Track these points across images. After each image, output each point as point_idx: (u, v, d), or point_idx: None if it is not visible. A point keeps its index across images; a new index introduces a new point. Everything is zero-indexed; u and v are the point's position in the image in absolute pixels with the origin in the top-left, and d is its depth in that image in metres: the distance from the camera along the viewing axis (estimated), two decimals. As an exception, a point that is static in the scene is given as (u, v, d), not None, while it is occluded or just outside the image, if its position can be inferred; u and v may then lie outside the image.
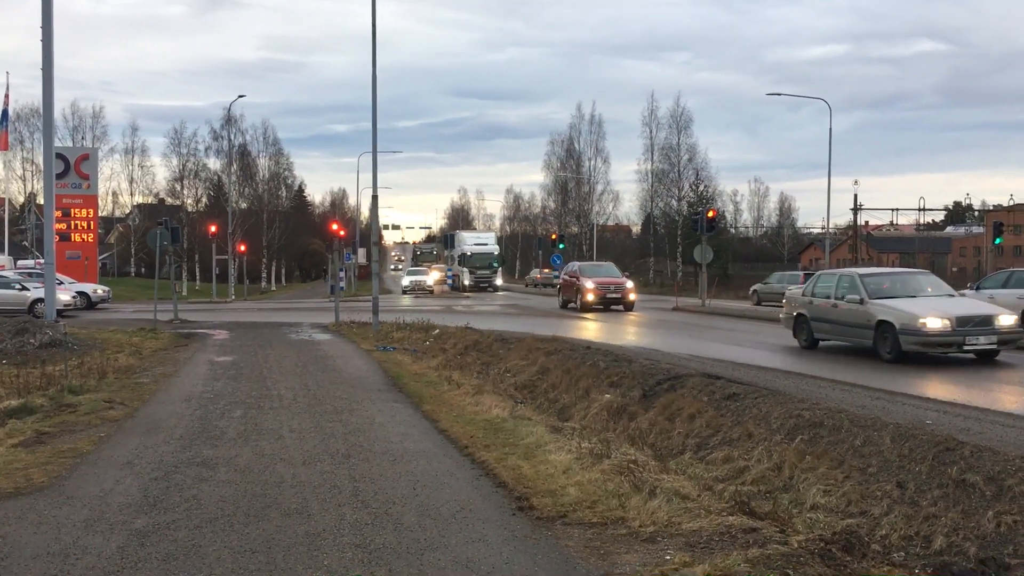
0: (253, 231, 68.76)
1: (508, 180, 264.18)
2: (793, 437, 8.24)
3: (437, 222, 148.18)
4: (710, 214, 33.99)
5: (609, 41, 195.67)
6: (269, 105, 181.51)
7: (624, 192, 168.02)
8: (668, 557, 5.05)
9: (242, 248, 57.32)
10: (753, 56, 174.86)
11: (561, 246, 57.86)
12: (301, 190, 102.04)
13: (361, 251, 65.00)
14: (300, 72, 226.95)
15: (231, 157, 63.95)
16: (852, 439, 7.75)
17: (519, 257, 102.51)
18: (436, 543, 5.40)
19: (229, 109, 61.49)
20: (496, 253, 59.20)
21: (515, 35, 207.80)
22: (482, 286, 56.23)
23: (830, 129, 58.22)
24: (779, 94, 73.68)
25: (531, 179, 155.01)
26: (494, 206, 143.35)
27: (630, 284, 30.60)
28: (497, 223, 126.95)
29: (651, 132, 72.42)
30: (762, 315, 28.16)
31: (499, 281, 57.89)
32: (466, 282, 56.50)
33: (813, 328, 16.37)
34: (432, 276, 63.04)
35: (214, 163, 70.39)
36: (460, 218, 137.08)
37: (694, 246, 35.86)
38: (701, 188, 71.31)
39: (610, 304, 29.91)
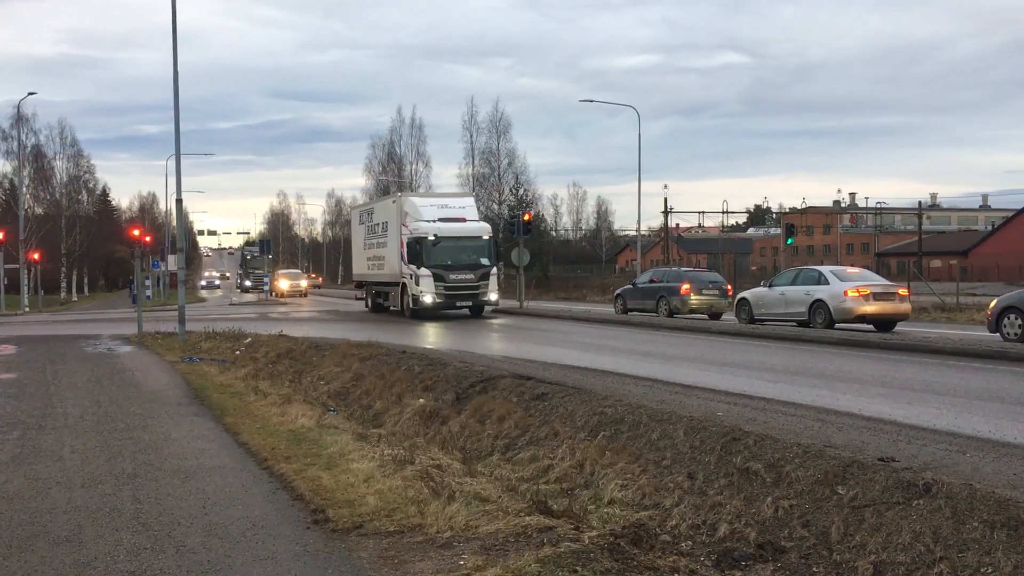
0: (50, 238, 63.97)
1: (330, 183, 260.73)
2: (596, 434, 8.41)
3: (256, 227, 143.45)
4: (526, 217, 34.66)
5: (433, 45, 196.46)
6: (72, 104, 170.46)
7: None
8: (462, 562, 4.99)
9: (36, 256, 53.24)
10: (573, 63, 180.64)
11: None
12: (105, 194, 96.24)
13: (171, 258, 61.85)
14: (107, 69, 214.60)
15: (22, 159, 59.30)
16: (650, 433, 7.98)
17: (342, 263, 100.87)
18: (220, 564, 5.10)
19: (19, 107, 56.94)
20: (487, 238, 29.30)
21: (338, 36, 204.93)
22: (461, 305, 29.07)
23: (639, 135, 60.99)
24: (592, 100, 76.49)
25: (353, 183, 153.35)
26: (315, 210, 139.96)
27: None
28: (319, 228, 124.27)
29: (471, 136, 73.18)
30: (577, 315, 28.92)
31: (494, 296, 29.26)
32: (427, 300, 27.83)
33: None
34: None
35: (3, 165, 65.19)
36: (280, 223, 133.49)
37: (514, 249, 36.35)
38: (521, 192, 72.61)
39: None
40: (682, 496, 6.56)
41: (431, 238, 27.82)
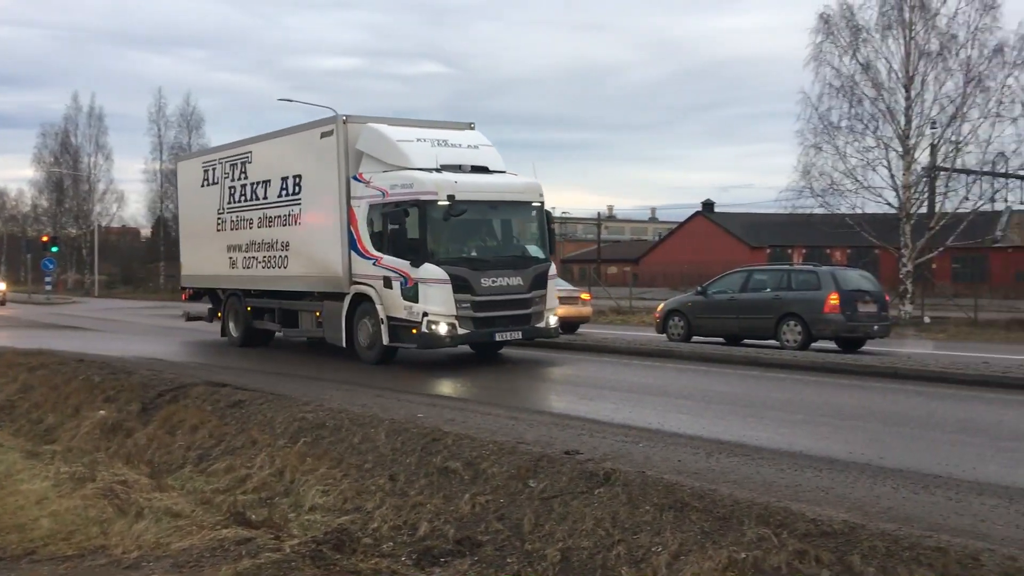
0: None
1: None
2: (296, 440, 8.28)
3: None
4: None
5: (118, 29, 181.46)
6: None
7: (132, 192, 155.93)
8: (152, 583, 4.72)
9: None
10: (273, 60, 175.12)
11: (55, 249, 51.94)
12: None
13: None
14: None
15: None
16: (351, 437, 8.00)
17: (4, 262, 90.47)
18: None
19: None
20: (538, 205, 14.24)
21: (1, 11, 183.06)
22: (503, 338, 13.77)
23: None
24: (291, 100, 74.89)
25: (20, 174, 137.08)
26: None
27: None
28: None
29: (160, 130, 68.48)
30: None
31: (554, 319, 14.22)
32: (440, 329, 12.79)
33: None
34: None
35: None
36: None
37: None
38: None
39: None
40: (384, 498, 6.64)
41: (442, 203, 13.27)
